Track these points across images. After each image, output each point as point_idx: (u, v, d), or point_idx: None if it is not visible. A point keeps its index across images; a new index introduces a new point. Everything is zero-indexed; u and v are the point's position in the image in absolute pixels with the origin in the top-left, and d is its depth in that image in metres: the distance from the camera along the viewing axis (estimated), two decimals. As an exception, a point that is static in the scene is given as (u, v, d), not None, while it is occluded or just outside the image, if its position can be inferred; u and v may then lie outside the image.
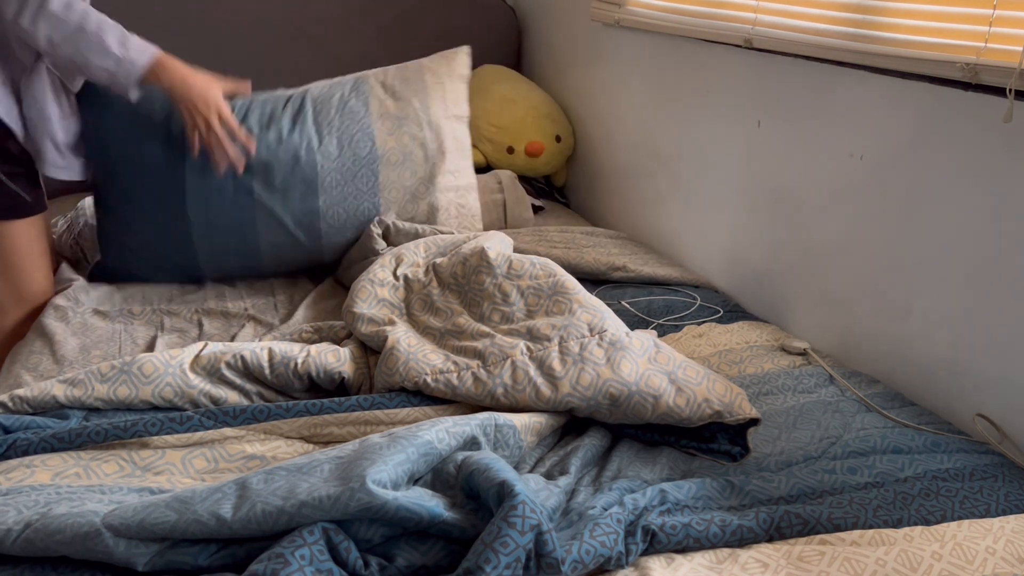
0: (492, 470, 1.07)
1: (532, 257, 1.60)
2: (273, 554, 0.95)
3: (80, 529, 0.98)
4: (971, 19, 1.37)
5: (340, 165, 1.91)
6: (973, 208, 1.41)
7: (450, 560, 1.04)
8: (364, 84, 2.03)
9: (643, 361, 1.36)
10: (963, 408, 1.46)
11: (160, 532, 0.98)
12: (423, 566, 1.03)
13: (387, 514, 1.01)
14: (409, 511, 1.01)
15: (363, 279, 1.65)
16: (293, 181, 1.86)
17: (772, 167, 1.84)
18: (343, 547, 0.99)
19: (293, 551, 0.95)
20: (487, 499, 1.05)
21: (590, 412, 1.34)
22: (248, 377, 1.43)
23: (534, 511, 1.00)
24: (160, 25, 2.45)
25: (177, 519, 0.98)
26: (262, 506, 0.99)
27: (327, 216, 1.90)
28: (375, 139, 1.96)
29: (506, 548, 0.96)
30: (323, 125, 1.92)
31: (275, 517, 0.99)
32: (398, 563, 1.02)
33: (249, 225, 1.85)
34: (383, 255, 1.76)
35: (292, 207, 1.86)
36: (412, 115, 2.02)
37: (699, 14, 2.02)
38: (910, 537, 1.13)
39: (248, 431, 1.30)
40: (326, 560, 0.97)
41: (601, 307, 1.48)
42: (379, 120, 1.98)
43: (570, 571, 1.01)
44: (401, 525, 1.03)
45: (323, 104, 1.96)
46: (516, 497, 1.01)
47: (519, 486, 1.03)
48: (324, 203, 1.89)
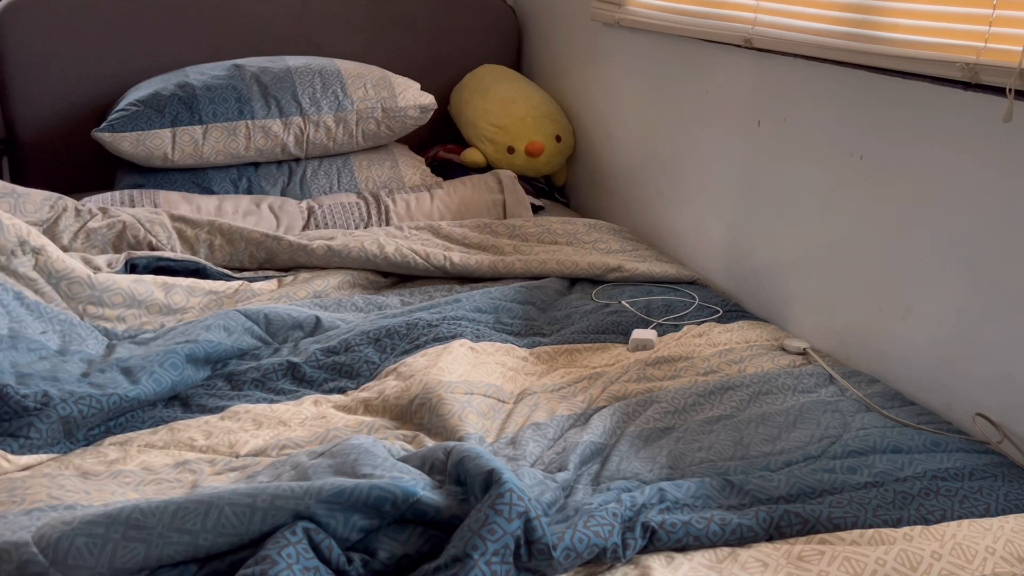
0: (482, 458, 1.07)
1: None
2: (260, 557, 0.94)
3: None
4: (971, 19, 1.37)
5: None
6: (973, 208, 1.41)
7: (431, 546, 1.04)
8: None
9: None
10: (963, 408, 1.46)
11: (134, 567, 0.94)
12: (405, 555, 1.02)
13: (361, 496, 1.00)
14: (383, 490, 1.01)
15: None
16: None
17: (772, 167, 1.84)
18: (325, 545, 0.99)
19: (279, 551, 0.95)
20: (473, 486, 1.05)
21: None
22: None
23: (521, 498, 1.00)
24: (160, 25, 2.45)
25: (147, 549, 0.95)
26: (231, 507, 0.98)
27: None
28: None
29: (493, 535, 0.96)
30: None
31: (248, 516, 0.98)
32: (380, 556, 1.01)
33: None
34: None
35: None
36: None
37: (699, 14, 2.02)
38: (910, 536, 1.13)
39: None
40: (311, 558, 0.96)
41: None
42: None
43: (562, 558, 1.01)
44: (377, 509, 1.03)
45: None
46: (503, 484, 1.01)
47: (507, 474, 1.03)
48: None
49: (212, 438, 1.33)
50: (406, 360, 1.56)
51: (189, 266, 1.88)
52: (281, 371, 1.54)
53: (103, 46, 2.39)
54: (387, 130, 2.41)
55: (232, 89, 2.25)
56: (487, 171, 2.57)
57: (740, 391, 1.51)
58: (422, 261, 1.97)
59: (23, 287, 1.59)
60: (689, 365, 1.62)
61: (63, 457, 1.27)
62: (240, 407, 1.42)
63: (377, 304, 1.83)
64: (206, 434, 1.34)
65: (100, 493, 1.14)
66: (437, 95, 2.83)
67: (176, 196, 2.14)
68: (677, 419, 1.44)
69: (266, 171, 2.33)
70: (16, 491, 1.11)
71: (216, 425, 1.37)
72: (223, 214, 2.12)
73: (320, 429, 1.36)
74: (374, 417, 1.42)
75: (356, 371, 1.55)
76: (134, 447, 1.30)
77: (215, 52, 2.53)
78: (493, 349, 1.64)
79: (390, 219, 2.23)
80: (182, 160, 2.20)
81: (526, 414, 1.44)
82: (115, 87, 2.43)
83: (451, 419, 1.36)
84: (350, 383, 1.53)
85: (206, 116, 2.20)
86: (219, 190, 2.26)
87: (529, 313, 1.83)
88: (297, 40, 2.63)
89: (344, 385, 1.53)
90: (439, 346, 1.60)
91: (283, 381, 1.52)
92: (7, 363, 1.38)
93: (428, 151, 2.74)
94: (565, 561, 1.01)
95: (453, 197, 2.32)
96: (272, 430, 1.36)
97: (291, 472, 1.16)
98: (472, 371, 1.52)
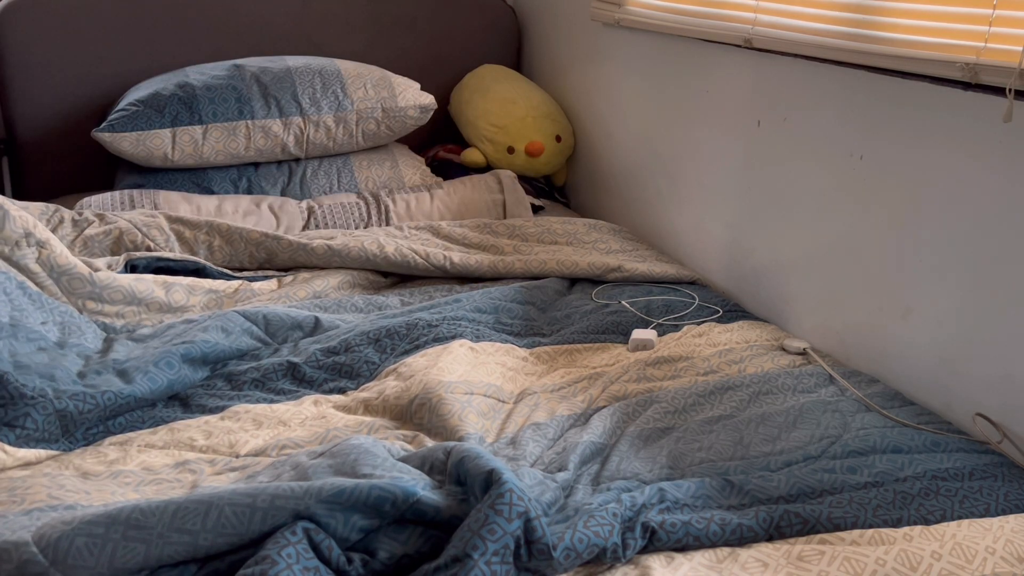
0: (482, 458, 1.07)
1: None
2: (260, 557, 0.94)
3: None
4: (971, 19, 1.37)
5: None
6: (973, 208, 1.41)
7: (431, 546, 1.04)
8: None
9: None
10: (963, 408, 1.46)
11: (134, 567, 0.94)
12: (404, 555, 1.02)
13: (361, 496, 1.01)
14: (383, 490, 1.02)
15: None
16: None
17: (772, 167, 1.84)
18: (325, 545, 0.99)
19: (279, 551, 0.95)
20: (473, 486, 1.05)
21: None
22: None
23: (521, 498, 1.00)
24: (160, 25, 2.45)
25: (147, 549, 0.95)
26: (231, 507, 0.98)
27: None
28: None
29: (493, 535, 0.97)
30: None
31: (248, 516, 0.98)
32: (380, 556, 1.02)
33: None
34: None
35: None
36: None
37: (699, 14, 2.02)
38: (910, 536, 1.13)
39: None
40: (311, 558, 0.96)
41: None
42: None
43: (563, 558, 1.01)
44: (377, 509, 1.03)
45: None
46: (503, 485, 1.01)
47: (507, 474, 1.03)
48: None
49: (212, 438, 1.33)
50: (406, 360, 1.56)
51: (189, 266, 1.88)
52: (281, 371, 1.53)
53: (103, 46, 2.39)
54: (387, 130, 2.41)
55: (232, 89, 2.25)
56: (487, 171, 2.57)
57: (740, 391, 1.51)
58: (422, 261, 1.97)
59: (25, 278, 1.60)
60: (689, 365, 1.62)
61: (63, 456, 1.27)
62: (240, 407, 1.42)
63: (377, 304, 1.83)
64: (206, 434, 1.34)
65: (100, 493, 1.14)
66: (437, 95, 2.83)
67: (176, 196, 2.14)
68: (677, 419, 1.44)
69: (266, 171, 2.33)
70: (16, 491, 1.11)
71: (216, 425, 1.37)
72: (223, 214, 2.12)
73: (320, 429, 1.36)
74: (374, 417, 1.42)
75: (356, 371, 1.55)
76: (134, 447, 1.30)
77: (215, 52, 2.53)
78: (493, 349, 1.64)
79: (390, 219, 2.23)
80: (182, 160, 2.20)
81: (526, 414, 1.44)
82: (115, 87, 2.43)
83: (451, 419, 1.36)
84: (350, 383, 1.53)
85: (206, 116, 2.20)
86: (219, 190, 2.26)
87: (529, 313, 1.83)
88: (297, 40, 2.63)
89: (344, 385, 1.53)
90: (439, 346, 1.60)
91: (283, 381, 1.52)
92: (6, 352, 1.39)
93: (428, 151, 2.74)
94: (565, 561, 1.01)
95: (453, 197, 2.32)
96: (272, 430, 1.36)
97: (291, 472, 1.16)
98: (472, 371, 1.52)
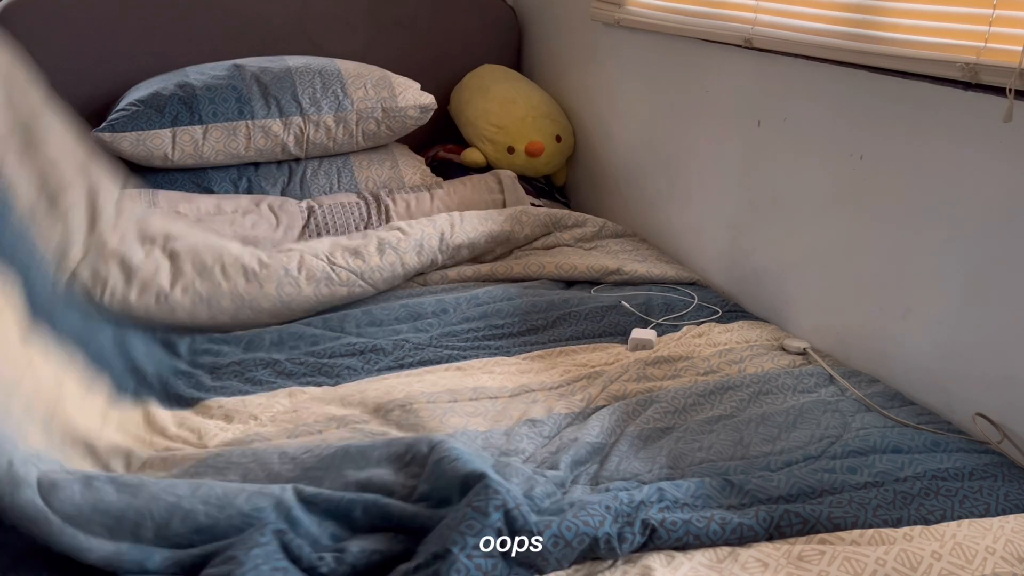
0: (460, 460, 1.08)
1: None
2: (226, 557, 0.95)
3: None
4: (971, 19, 1.37)
5: None
6: (973, 208, 1.41)
7: (404, 547, 1.04)
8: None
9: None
10: (963, 408, 1.46)
11: (115, 512, 1.00)
12: (376, 550, 1.03)
13: (334, 501, 1.06)
14: (357, 496, 1.07)
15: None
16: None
17: (772, 167, 1.84)
18: (295, 544, 1.00)
19: (247, 551, 0.95)
20: (452, 488, 1.06)
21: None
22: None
23: (498, 491, 1.01)
24: (160, 25, 2.45)
25: (132, 500, 1.00)
26: (220, 487, 1.03)
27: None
28: None
29: (472, 529, 0.98)
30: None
31: (235, 493, 1.03)
32: (352, 550, 1.02)
33: None
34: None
35: None
36: None
37: (699, 14, 2.02)
38: (910, 536, 1.13)
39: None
40: (280, 558, 0.97)
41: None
42: None
43: (551, 546, 1.01)
44: (348, 516, 1.07)
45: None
46: (481, 481, 1.02)
47: (488, 472, 1.05)
48: None
49: (182, 428, 1.38)
50: (387, 376, 1.57)
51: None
52: (260, 365, 1.56)
53: (103, 46, 2.39)
54: (387, 130, 2.41)
55: (232, 89, 2.25)
56: (487, 171, 2.57)
57: (740, 391, 1.51)
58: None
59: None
60: (689, 365, 1.62)
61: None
62: (213, 401, 1.47)
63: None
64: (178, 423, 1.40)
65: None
66: (437, 95, 2.82)
67: (176, 196, 2.14)
68: (677, 419, 1.44)
69: (266, 171, 2.33)
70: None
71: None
72: (222, 213, 2.12)
73: (290, 424, 1.38)
74: (348, 410, 1.43)
75: (336, 374, 1.57)
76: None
77: (215, 52, 2.53)
78: (480, 364, 1.63)
79: (390, 219, 2.23)
80: (182, 160, 2.20)
81: (522, 409, 1.44)
82: (115, 87, 2.43)
83: (431, 421, 1.37)
84: (328, 381, 1.55)
85: (206, 116, 2.20)
86: (219, 190, 2.26)
87: (525, 311, 1.83)
88: (297, 40, 2.63)
89: (321, 382, 1.55)
90: (423, 368, 1.60)
91: (261, 372, 1.54)
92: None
93: (428, 151, 2.74)
94: (555, 550, 1.01)
95: (453, 197, 2.32)
96: (243, 424, 1.39)
97: (263, 476, 1.17)
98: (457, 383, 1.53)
